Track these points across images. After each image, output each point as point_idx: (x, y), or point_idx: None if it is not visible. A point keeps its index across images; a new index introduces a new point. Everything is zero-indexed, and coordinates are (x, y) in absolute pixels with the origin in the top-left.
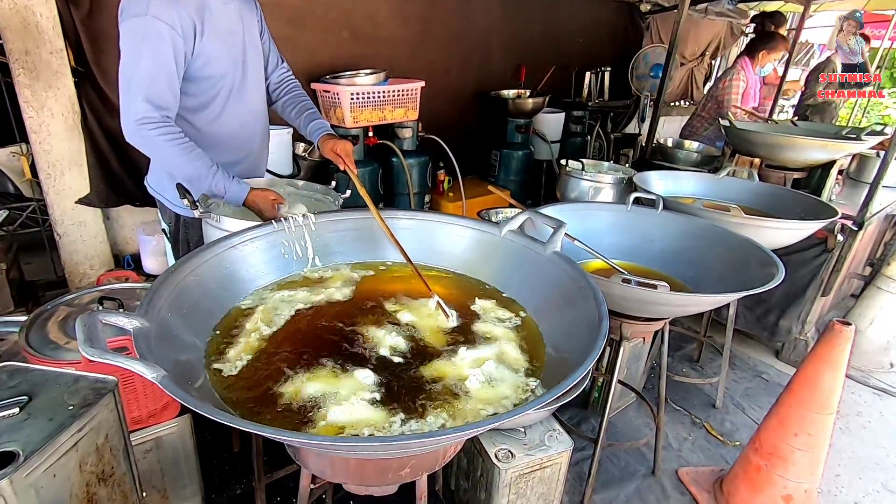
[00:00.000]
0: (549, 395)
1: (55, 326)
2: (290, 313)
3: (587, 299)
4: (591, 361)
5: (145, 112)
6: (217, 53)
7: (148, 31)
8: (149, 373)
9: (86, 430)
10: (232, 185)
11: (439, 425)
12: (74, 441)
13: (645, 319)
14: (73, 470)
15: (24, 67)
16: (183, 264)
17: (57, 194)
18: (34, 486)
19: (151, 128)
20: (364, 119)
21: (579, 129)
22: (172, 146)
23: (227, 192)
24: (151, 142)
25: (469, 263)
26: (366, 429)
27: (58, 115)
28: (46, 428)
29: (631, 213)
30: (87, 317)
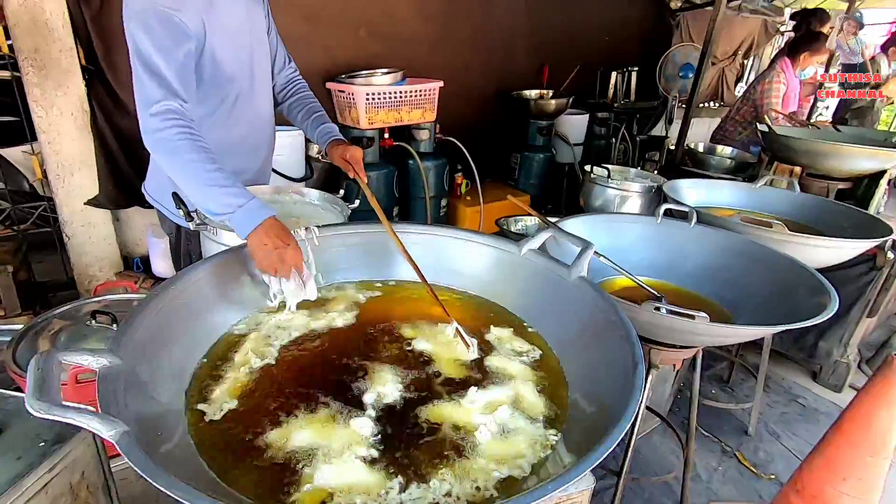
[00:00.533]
0: (578, 471)
1: (46, 341)
2: (286, 341)
3: (618, 337)
4: (626, 424)
5: (160, 99)
6: (223, 55)
7: (157, 18)
8: (105, 430)
9: (58, 468)
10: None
11: (444, 492)
12: (44, 483)
13: (677, 346)
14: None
15: (33, 66)
16: (168, 287)
17: (66, 195)
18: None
19: (167, 117)
20: (380, 120)
21: (603, 132)
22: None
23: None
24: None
25: (485, 284)
26: (358, 498)
27: (67, 114)
28: (12, 469)
29: (661, 225)
30: (42, 359)
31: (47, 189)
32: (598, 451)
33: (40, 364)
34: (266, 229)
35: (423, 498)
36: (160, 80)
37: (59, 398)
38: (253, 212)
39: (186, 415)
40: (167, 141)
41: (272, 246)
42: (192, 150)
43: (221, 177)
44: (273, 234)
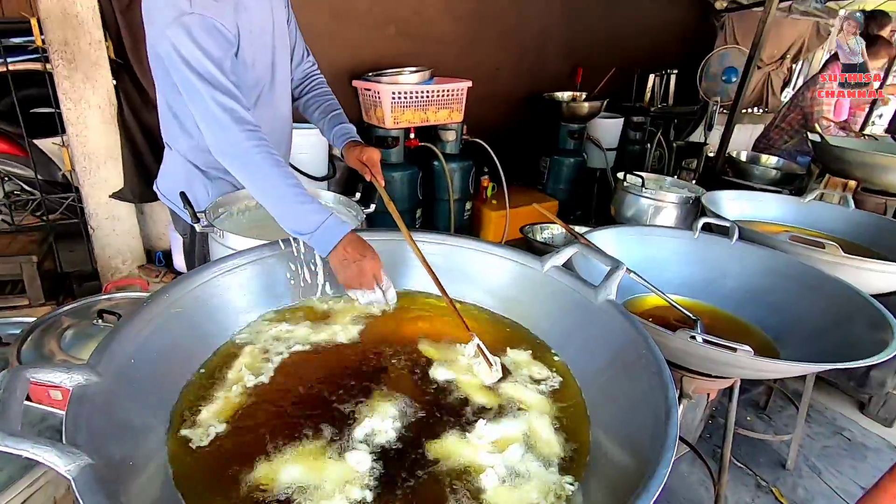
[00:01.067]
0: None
1: (53, 339)
2: (284, 356)
3: (649, 373)
4: (657, 489)
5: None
6: (251, 60)
7: (198, 27)
8: (62, 465)
9: (40, 482)
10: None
11: None
12: (23, 498)
13: (713, 376)
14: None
15: (63, 58)
16: (162, 295)
17: (92, 187)
18: None
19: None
20: (405, 120)
21: (638, 137)
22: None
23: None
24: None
25: (504, 301)
26: None
27: (95, 107)
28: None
29: (699, 241)
30: (7, 377)
31: (75, 180)
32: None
33: (3, 384)
34: (345, 245)
35: None
36: (224, 89)
37: (16, 425)
38: (332, 229)
39: (168, 442)
40: (245, 154)
41: (352, 260)
42: (271, 165)
43: (301, 193)
44: (352, 249)
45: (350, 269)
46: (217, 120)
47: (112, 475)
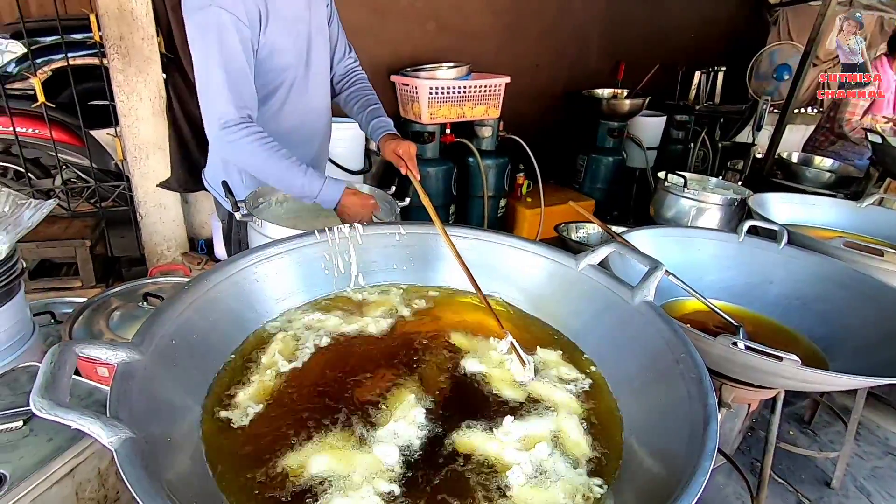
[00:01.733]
0: None
1: (102, 319)
2: (316, 344)
3: (688, 379)
4: (695, 493)
5: (226, 115)
6: (281, 44)
7: (212, 23)
8: (105, 436)
9: (86, 454)
10: (326, 185)
11: None
12: (70, 468)
13: (755, 386)
14: (68, 498)
15: (118, 52)
16: (202, 280)
17: (141, 176)
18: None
19: (235, 130)
20: (442, 115)
21: (681, 136)
22: (259, 148)
23: (319, 194)
24: (236, 145)
25: (536, 299)
26: None
27: (146, 99)
28: (42, 450)
29: (744, 244)
30: (58, 350)
31: (126, 170)
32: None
33: (54, 357)
34: (344, 199)
35: None
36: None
37: (65, 397)
38: (332, 189)
39: (203, 422)
40: (243, 150)
41: (361, 204)
42: (266, 151)
43: (298, 166)
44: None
45: (360, 210)
46: (217, 125)
47: (150, 449)
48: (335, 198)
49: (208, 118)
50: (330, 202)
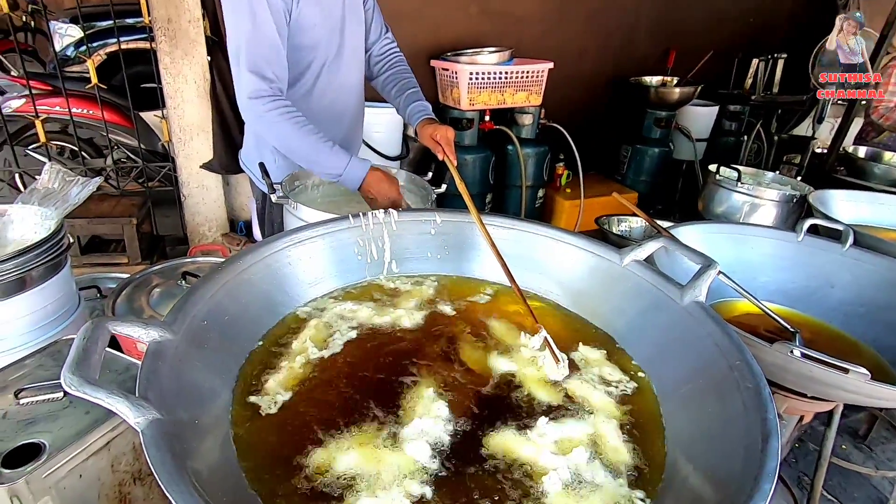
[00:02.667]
0: None
1: (144, 296)
2: (348, 336)
3: (743, 389)
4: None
5: (255, 86)
6: (313, 20)
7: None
8: (132, 416)
9: (121, 428)
10: (352, 163)
11: None
12: (106, 441)
13: (811, 397)
14: (104, 470)
15: (165, 35)
16: (235, 261)
17: (185, 158)
18: (55, 486)
19: (263, 103)
20: (481, 101)
21: (734, 128)
22: (286, 122)
23: (345, 171)
24: (264, 118)
25: (575, 295)
26: None
27: (191, 82)
28: (80, 422)
29: (803, 244)
30: (92, 327)
31: (172, 151)
32: None
33: (87, 334)
34: (369, 183)
35: None
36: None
37: (95, 373)
38: (357, 168)
39: (233, 407)
40: (272, 123)
41: (377, 193)
42: (294, 127)
43: (324, 142)
44: (376, 183)
45: (384, 191)
46: (241, 94)
47: (177, 432)
48: (360, 176)
49: (239, 89)
50: (355, 180)
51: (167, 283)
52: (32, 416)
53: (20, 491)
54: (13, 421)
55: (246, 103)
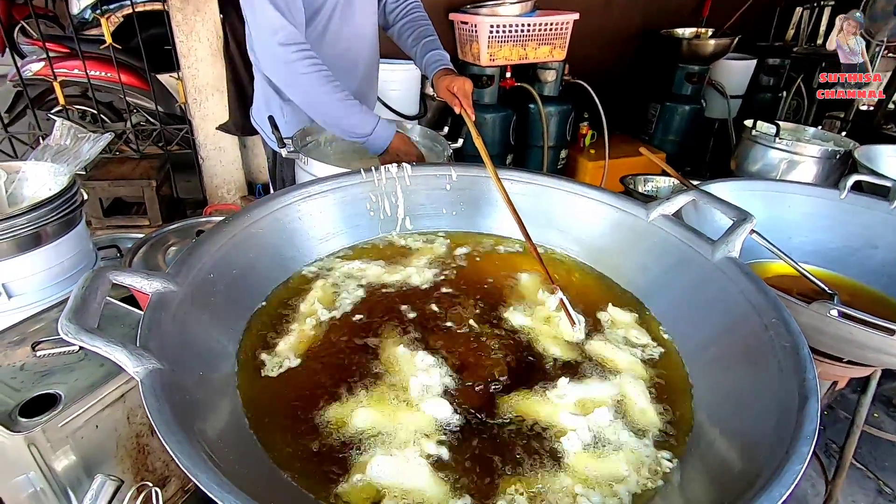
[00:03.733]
0: None
1: (160, 254)
2: (357, 295)
3: (780, 349)
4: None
5: (282, 30)
6: None
7: None
8: (130, 365)
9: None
10: (380, 125)
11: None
12: (121, 393)
13: (847, 361)
14: (120, 421)
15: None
16: (243, 214)
17: (202, 119)
18: (73, 436)
19: (294, 51)
20: (502, 57)
21: (772, 83)
22: (315, 76)
23: (373, 133)
24: (292, 68)
25: (595, 252)
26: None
27: (204, 39)
28: (94, 375)
29: (846, 202)
30: (91, 276)
31: (188, 113)
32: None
33: (86, 283)
34: (396, 147)
35: None
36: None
37: (93, 322)
38: (384, 132)
39: (239, 363)
40: (298, 75)
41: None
42: (320, 82)
43: (352, 103)
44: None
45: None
46: (266, 38)
47: (180, 384)
48: (387, 138)
49: (260, 35)
50: (381, 143)
51: (183, 241)
52: (49, 367)
53: (37, 440)
54: (30, 372)
55: (273, 50)
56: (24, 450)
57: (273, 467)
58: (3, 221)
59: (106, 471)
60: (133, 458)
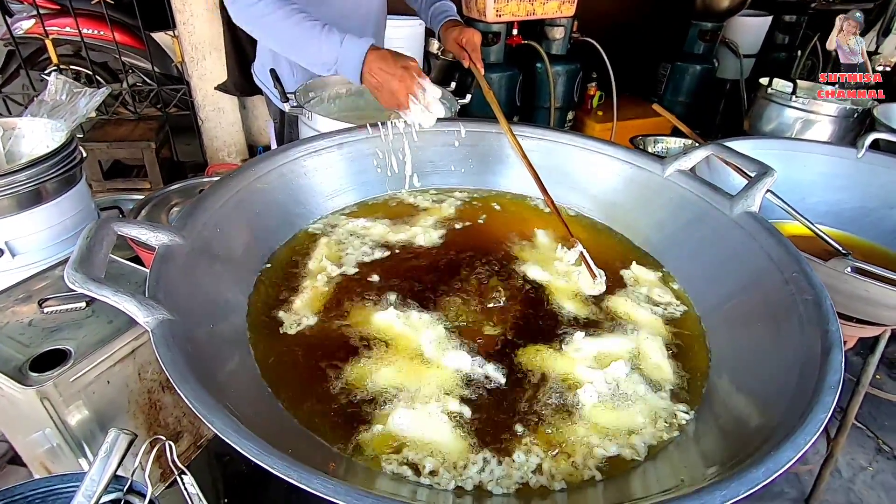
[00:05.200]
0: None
1: (163, 213)
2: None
3: (800, 303)
4: (809, 438)
5: None
6: None
7: None
8: (141, 315)
9: (144, 337)
10: (347, 42)
11: (532, 467)
12: (131, 349)
13: (857, 321)
14: (131, 377)
15: None
16: (248, 169)
17: (199, 79)
18: (84, 391)
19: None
20: (509, 12)
21: (787, 41)
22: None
23: (339, 55)
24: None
25: (609, 208)
26: (429, 461)
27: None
28: (103, 330)
29: (863, 161)
30: (96, 227)
31: (186, 73)
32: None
33: (91, 234)
34: (370, 65)
35: (508, 477)
36: None
37: (99, 272)
38: (352, 49)
39: (250, 316)
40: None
41: (383, 82)
42: (284, 17)
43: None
44: (378, 69)
45: (383, 94)
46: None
47: (190, 335)
48: (359, 56)
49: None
50: (353, 65)
51: (185, 201)
52: (57, 324)
53: (50, 394)
54: (38, 328)
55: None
56: (37, 404)
57: (288, 416)
58: (3, 178)
59: (119, 425)
60: (146, 413)
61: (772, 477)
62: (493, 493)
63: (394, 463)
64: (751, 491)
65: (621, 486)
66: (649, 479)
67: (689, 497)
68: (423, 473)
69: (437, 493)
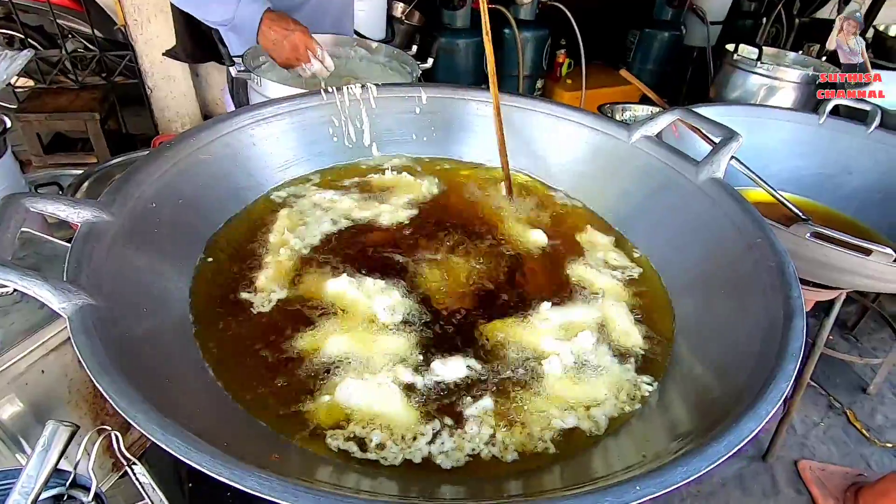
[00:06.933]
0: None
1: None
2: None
3: (763, 269)
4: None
5: None
6: None
7: None
8: (55, 301)
9: None
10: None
11: (485, 439)
12: (67, 335)
13: (814, 285)
14: (70, 366)
15: None
16: (188, 138)
17: (145, 44)
18: (15, 383)
19: None
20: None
21: (753, 8)
22: None
23: (236, 13)
24: None
25: (576, 179)
26: (377, 433)
27: None
28: (32, 318)
29: (824, 127)
30: (3, 204)
31: (130, 37)
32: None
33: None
34: (268, 24)
35: (459, 449)
36: None
37: (6, 254)
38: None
39: (192, 295)
40: None
41: (281, 38)
42: None
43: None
44: (276, 27)
45: (282, 48)
46: None
47: (118, 322)
48: (254, 18)
49: None
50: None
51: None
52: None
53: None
54: None
55: None
56: None
57: (231, 401)
58: None
59: (60, 417)
60: (90, 402)
61: (734, 450)
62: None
63: (339, 439)
64: (713, 466)
65: (581, 462)
66: (611, 454)
67: (650, 476)
68: (369, 448)
69: (381, 483)
